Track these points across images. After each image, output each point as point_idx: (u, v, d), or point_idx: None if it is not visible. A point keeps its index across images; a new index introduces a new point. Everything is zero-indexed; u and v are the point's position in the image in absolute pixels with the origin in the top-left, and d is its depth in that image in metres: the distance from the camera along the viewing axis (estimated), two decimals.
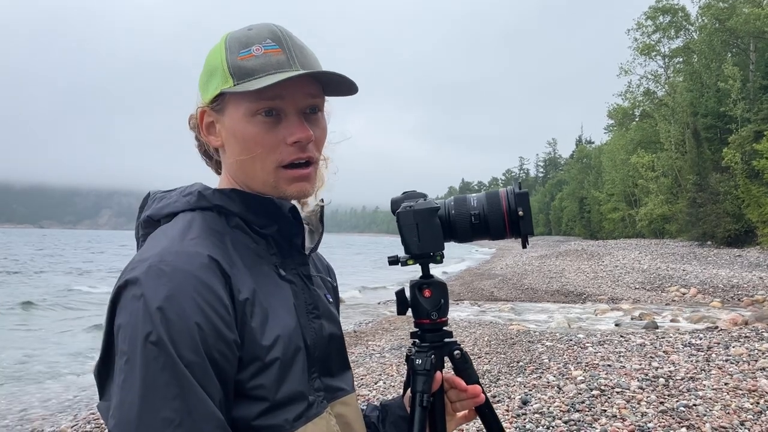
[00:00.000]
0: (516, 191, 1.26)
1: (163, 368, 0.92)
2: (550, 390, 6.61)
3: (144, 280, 0.97)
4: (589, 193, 71.77)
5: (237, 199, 1.12)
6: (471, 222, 1.27)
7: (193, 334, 0.94)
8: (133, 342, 0.94)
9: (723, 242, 34.70)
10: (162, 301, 0.95)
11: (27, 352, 11.67)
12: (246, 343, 1.01)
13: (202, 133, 1.16)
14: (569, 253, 36.66)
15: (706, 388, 6.33)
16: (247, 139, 1.09)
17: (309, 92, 1.11)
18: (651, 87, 55.80)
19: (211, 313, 0.97)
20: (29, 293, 22.01)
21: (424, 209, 1.27)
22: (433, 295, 1.29)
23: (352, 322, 14.31)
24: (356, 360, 8.99)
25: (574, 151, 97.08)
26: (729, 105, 38.23)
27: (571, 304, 17.15)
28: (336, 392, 1.19)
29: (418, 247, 1.27)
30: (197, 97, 1.17)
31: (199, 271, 0.99)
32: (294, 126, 1.09)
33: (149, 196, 1.19)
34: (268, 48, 1.08)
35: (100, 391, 1.04)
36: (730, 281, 19.35)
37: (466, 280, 25.19)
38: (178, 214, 1.12)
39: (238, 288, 1.03)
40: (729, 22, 41.52)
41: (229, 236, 1.10)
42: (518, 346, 9.34)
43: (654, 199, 49.98)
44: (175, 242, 1.03)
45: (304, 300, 1.15)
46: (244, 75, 1.07)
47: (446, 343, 1.33)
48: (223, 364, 0.97)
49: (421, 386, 1.27)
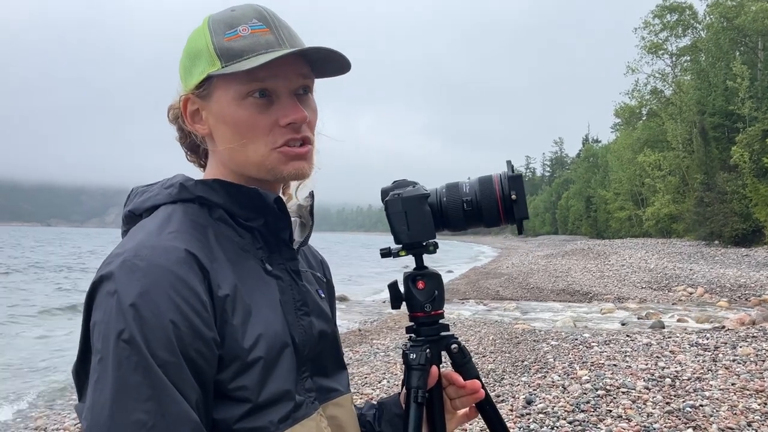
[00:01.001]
0: (509, 174, 1.20)
1: (135, 368, 0.88)
2: (555, 390, 6.56)
3: (118, 276, 0.93)
4: (595, 192, 71.54)
5: (220, 189, 1.07)
6: (463, 209, 1.21)
7: (167, 332, 0.90)
8: (106, 340, 0.90)
9: (730, 242, 34.51)
10: (135, 298, 0.90)
11: (35, 351, 11.72)
12: (226, 341, 0.97)
13: (187, 122, 1.11)
14: (575, 252, 36.54)
15: (713, 388, 6.27)
16: (238, 122, 1.04)
17: (300, 72, 1.06)
18: (658, 86, 55.64)
19: (187, 310, 0.92)
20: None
21: (413, 196, 1.21)
22: (426, 286, 1.24)
23: (357, 320, 14.29)
24: (361, 359, 8.96)
25: (580, 150, 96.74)
26: (737, 103, 38.01)
27: (577, 303, 17.08)
28: (329, 393, 1.15)
29: (407, 236, 1.22)
30: (178, 86, 1.12)
31: (175, 266, 0.95)
32: (288, 107, 1.05)
33: (132, 192, 1.15)
34: (256, 28, 1.04)
35: (78, 391, 1.00)
36: (738, 281, 19.24)
37: (472, 279, 25.15)
38: (159, 207, 1.07)
39: (217, 283, 0.98)
40: (737, 20, 41.25)
41: (211, 229, 1.05)
42: (523, 345, 9.29)
43: (661, 198, 49.76)
44: (151, 236, 0.99)
45: (292, 296, 1.10)
46: (232, 56, 1.02)
47: (442, 336, 1.27)
48: (201, 363, 0.93)
49: (416, 382, 1.22)
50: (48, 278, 29.42)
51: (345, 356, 6.26)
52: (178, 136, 1.17)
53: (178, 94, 1.11)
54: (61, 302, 19.16)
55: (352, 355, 9.23)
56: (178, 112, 1.12)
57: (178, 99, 1.11)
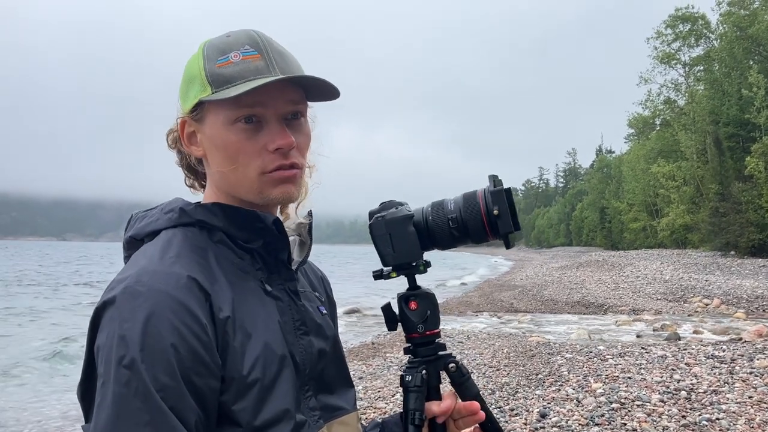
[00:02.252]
0: (491, 189, 1.19)
1: (135, 393, 0.90)
2: (569, 403, 6.53)
3: (120, 302, 0.95)
4: (609, 203, 71.14)
5: (220, 213, 1.10)
6: (449, 227, 1.21)
7: (168, 357, 0.92)
8: (108, 365, 0.92)
9: (747, 252, 34.11)
10: (136, 323, 0.93)
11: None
12: (228, 363, 0.99)
13: (184, 144, 1.14)
14: (590, 264, 36.31)
15: (730, 401, 6.21)
16: (228, 147, 1.07)
17: (290, 98, 1.08)
18: (671, 95, 55.38)
19: (188, 335, 0.94)
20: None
21: (396, 218, 1.21)
22: (419, 306, 1.23)
23: (370, 333, 14.28)
24: (374, 372, 8.95)
25: (594, 160, 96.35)
26: (753, 113, 37.70)
27: (592, 315, 16.97)
28: (334, 411, 1.15)
29: (393, 257, 1.21)
30: (177, 108, 1.15)
31: (176, 291, 0.97)
32: (275, 133, 1.07)
33: (132, 217, 1.17)
34: (247, 54, 1.06)
35: (84, 412, 1.02)
36: (755, 292, 19.02)
37: (486, 292, 25.06)
38: (160, 232, 1.10)
39: (218, 306, 1.00)
40: (750, 29, 41.04)
41: (211, 252, 1.08)
42: (537, 358, 9.25)
43: (675, 208, 49.38)
44: (153, 261, 1.01)
45: (291, 316, 1.12)
46: (222, 82, 1.05)
47: (440, 356, 1.26)
48: (202, 387, 0.95)
49: (413, 404, 1.21)
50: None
51: (358, 370, 6.28)
52: (177, 159, 1.20)
53: (177, 116, 1.14)
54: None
55: (366, 369, 9.23)
56: (176, 135, 1.15)
57: (176, 122, 1.15)
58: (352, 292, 24.87)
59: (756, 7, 43.93)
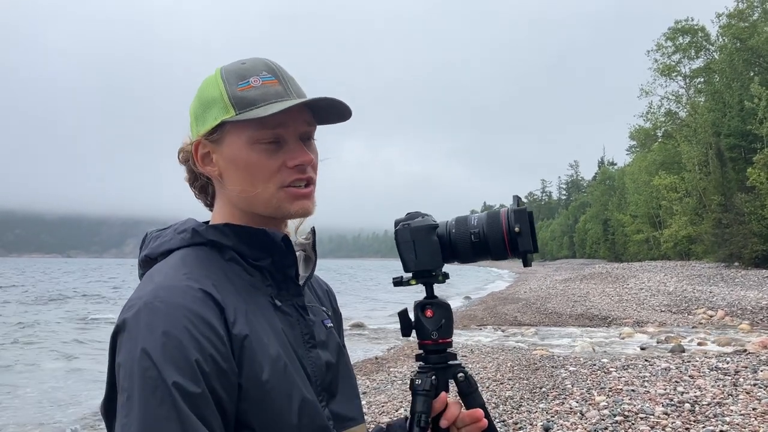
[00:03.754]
0: (514, 209, 1.25)
1: (161, 403, 0.94)
2: (573, 416, 6.54)
3: (141, 317, 1.00)
4: (612, 215, 71.10)
5: (230, 232, 1.16)
6: (471, 241, 1.26)
7: (191, 366, 0.97)
8: (132, 378, 0.96)
9: (750, 263, 34.02)
10: (158, 337, 0.98)
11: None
12: (243, 373, 1.04)
13: (198, 164, 1.20)
14: (594, 276, 36.25)
15: (734, 413, 6.22)
16: (249, 165, 1.13)
17: (306, 120, 1.17)
18: (672, 107, 55.47)
19: (207, 345, 0.99)
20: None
21: (421, 226, 1.28)
22: (435, 314, 1.29)
23: (374, 348, 14.28)
24: (378, 387, 8.96)
25: (596, 173, 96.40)
26: (755, 124, 37.74)
27: (596, 327, 16.94)
28: (346, 422, 1.20)
29: (415, 264, 1.28)
30: (188, 130, 1.21)
31: (192, 304, 1.02)
32: (296, 151, 1.15)
33: (147, 237, 1.23)
34: (266, 79, 1.14)
35: (108, 430, 1.06)
36: (759, 303, 18.97)
37: (490, 305, 25.02)
38: (173, 252, 1.16)
39: (232, 320, 1.06)
40: (750, 41, 41.20)
41: (223, 269, 1.13)
42: (541, 371, 9.26)
43: (678, 220, 49.33)
44: (168, 278, 1.07)
45: (301, 330, 1.18)
46: (246, 105, 1.12)
47: (450, 365, 1.31)
48: (222, 394, 1.00)
49: (420, 407, 1.26)
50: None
51: (362, 385, 6.29)
52: (187, 176, 1.26)
53: (188, 137, 1.21)
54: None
55: (370, 384, 9.23)
56: (189, 154, 1.21)
57: (189, 142, 1.21)
58: (353, 307, 24.84)
59: (755, 19, 44.15)
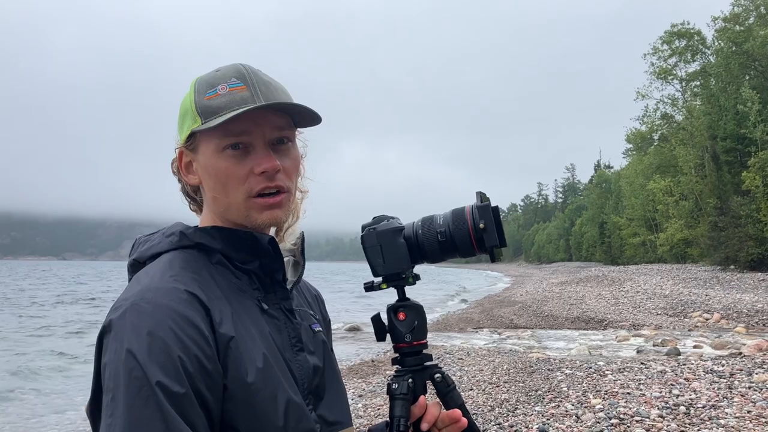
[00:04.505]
0: (478, 205, 1.25)
1: (146, 403, 0.94)
2: (568, 419, 6.54)
3: (127, 318, 1.01)
4: (609, 219, 71.20)
5: (218, 235, 1.17)
6: (438, 240, 1.26)
7: (176, 366, 0.97)
8: (117, 379, 0.97)
9: (746, 266, 34.12)
10: (143, 337, 0.98)
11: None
12: (229, 374, 1.04)
13: (182, 173, 1.22)
14: (590, 279, 36.30)
15: (729, 416, 6.23)
16: (218, 173, 1.14)
17: (276, 125, 1.15)
18: (668, 111, 55.63)
19: (191, 346, 1.00)
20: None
21: (387, 230, 1.27)
22: (407, 317, 1.28)
23: (370, 350, 14.26)
24: (374, 390, 8.95)
25: (593, 176, 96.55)
26: (748, 128, 37.89)
27: (592, 330, 16.96)
28: (332, 426, 1.20)
29: (383, 268, 1.27)
30: (175, 140, 1.22)
31: (178, 305, 1.03)
32: (261, 157, 1.13)
33: (136, 242, 1.24)
34: (233, 86, 1.14)
35: (93, 429, 1.06)
36: (755, 306, 19.02)
37: (486, 308, 25.03)
38: (161, 255, 1.16)
39: (218, 321, 1.06)
40: (745, 45, 41.36)
41: (210, 272, 1.14)
42: (537, 374, 9.26)
43: (674, 223, 49.44)
44: (155, 280, 1.07)
45: (288, 333, 1.18)
46: (210, 113, 1.13)
47: (426, 366, 1.31)
48: (206, 395, 1.00)
49: (398, 411, 1.25)
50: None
51: (358, 387, 6.30)
52: (180, 186, 1.27)
53: (175, 148, 1.22)
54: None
55: (365, 386, 9.22)
56: (176, 164, 1.23)
57: (175, 152, 1.22)
58: (346, 310, 24.82)
59: (751, 23, 44.33)
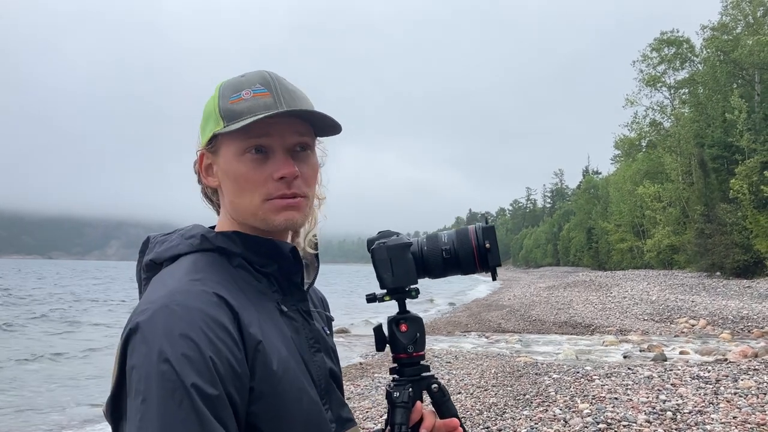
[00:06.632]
0: (483, 226, 1.34)
1: (180, 405, 0.94)
2: (556, 423, 6.56)
3: (156, 321, 1.00)
4: (596, 224, 71.56)
5: (238, 240, 1.17)
6: (443, 257, 1.33)
7: (209, 369, 0.98)
8: (148, 381, 0.96)
9: (732, 273, 34.40)
10: (175, 339, 0.98)
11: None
12: (256, 376, 1.05)
13: (202, 175, 1.23)
14: (577, 284, 36.45)
15: (715, 421, 6.27)
16: (237, 176, 1.15)
17: (296, 131, 1.17)
18: (657, 118, 56.01)
19: (222, 348, 1.01)
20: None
21: (397, 245, 1.33)
22: (409, 329, 1.33)
23: (358, 353, 14.25)
24: (362, 392, 8.93)
25: (581, 181, 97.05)
26: (735, 136, 38.22)
27: (579, 335, 17.02)
28: (345, 423, 1.23)
29: (392, 281, 1.32)
30: (197, 143, 1.24)
31: (209, 308, 1.03)
32: (280, 162, 1.15)
33: (149, 240, 1.24)
34: (257, 92, 1.15)
35: (114, 429, 1.06)
36: (740, 312, 19.18)
37: (474, 312, 25.07)
38: (181, 257, 1.16)
39: (246, 323, 1.07)
40: (733, 53, 41.76)
41: (233, 276, 1.15)
42: (525, 378, 9.28)
43: (661, 230, 49.76)
44: (182, 282, 1.08)
45: (306, 335, 1.20)
46: (233, 117, 1.14)
47: (424, 377, 1.36)
48: (236, 397, 1.01)
49: (399, 418, 1.29)
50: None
51: (346, 390, 6.30)
52: (201, 188, 1.28)
53: (196, 150, 1.24)
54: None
55: (354, 389, 9.21)
56: (197, 166, 1.25)
57: (196, 155, 1.24)
58: (338, 311, 24.77)
59: (738, 32, 44.77)
